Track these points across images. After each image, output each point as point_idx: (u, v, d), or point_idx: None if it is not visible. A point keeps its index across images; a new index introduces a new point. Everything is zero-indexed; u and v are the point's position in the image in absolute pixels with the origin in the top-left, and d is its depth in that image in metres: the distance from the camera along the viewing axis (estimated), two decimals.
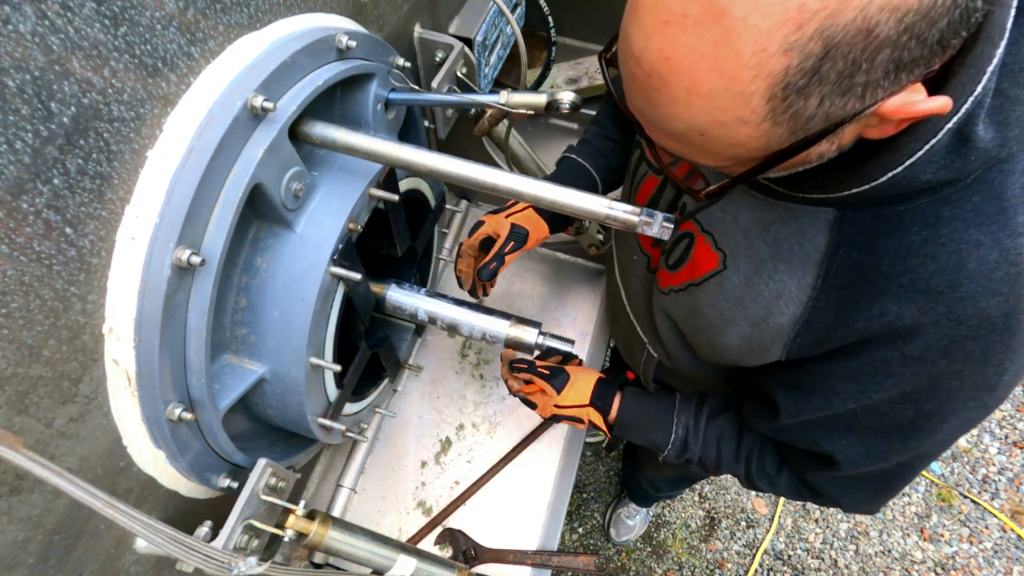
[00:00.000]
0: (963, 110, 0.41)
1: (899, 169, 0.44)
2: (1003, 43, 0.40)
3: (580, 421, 0.85)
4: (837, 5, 0.32)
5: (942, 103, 0.37)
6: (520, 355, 0.92)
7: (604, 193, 0.90)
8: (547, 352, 0.87)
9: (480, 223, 0.89)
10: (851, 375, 0.56)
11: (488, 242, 0.89)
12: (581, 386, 0.85)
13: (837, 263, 0.53)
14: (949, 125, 0.42)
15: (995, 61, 0.40)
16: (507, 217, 0.88)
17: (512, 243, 0.85)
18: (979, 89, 0.40)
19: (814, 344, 0.57)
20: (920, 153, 0.43)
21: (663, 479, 1.52)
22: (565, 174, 0.92)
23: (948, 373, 0.51)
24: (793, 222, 0.55)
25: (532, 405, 0.87)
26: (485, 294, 0.93)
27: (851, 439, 0.61)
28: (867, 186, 0.47)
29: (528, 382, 0.88)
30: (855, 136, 0.43)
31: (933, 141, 0.42)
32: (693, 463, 0.80)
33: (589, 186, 0.92)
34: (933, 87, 0.41)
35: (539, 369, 0.86)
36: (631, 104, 0.45)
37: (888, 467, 0.63)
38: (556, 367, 0.87)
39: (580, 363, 0.92)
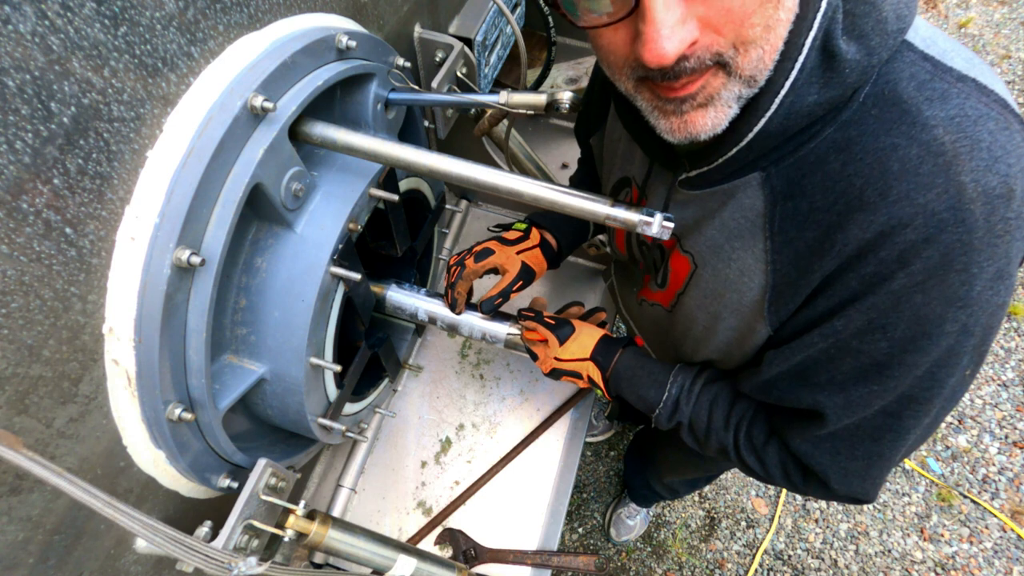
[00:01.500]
0: (815, 25, 0.46)
1: (784, 91, 0.48)
2: None
3: (579, 377, 0.83)
4: None
5: None
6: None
7: (596, 229, 0.96)
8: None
9: (489, 251, 0.87)
10: (820, 312, 0.55)
11: (492, 271, 0.88)
12: (584, 340, 0.83)
13: (778, 218, 0.54)
14: (808, 41, 0.46)
15: None
16: (518, 253, 0.87)
17: (520, 283, 0.85)
18: (824, 5, 0.45)
19: (788, 304, 0.57)
20: (795, 72, 0.47)
21: (682, 482, 1.50)
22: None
23: (909, 287, 0.49)
24: (731, 200, 0.57)
25: (535, 356, 0.86)
26: (458, 313, 0.90)
27: (832, 389, 0.59)
28: (765, 117, 0.49)
29: (532, 329, 0.86)
30: None
31: (801, 58, 0.47)
32: (684, 428, 0.77)
33: (582, 222, 0.95)
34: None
35: (546, 319, 0.85)
36: None
37: (873, 418, 0.59)
38: (563, 319, 0.86)
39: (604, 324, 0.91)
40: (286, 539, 0.63)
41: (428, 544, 1.01)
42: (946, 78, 0.48)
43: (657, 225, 0.56)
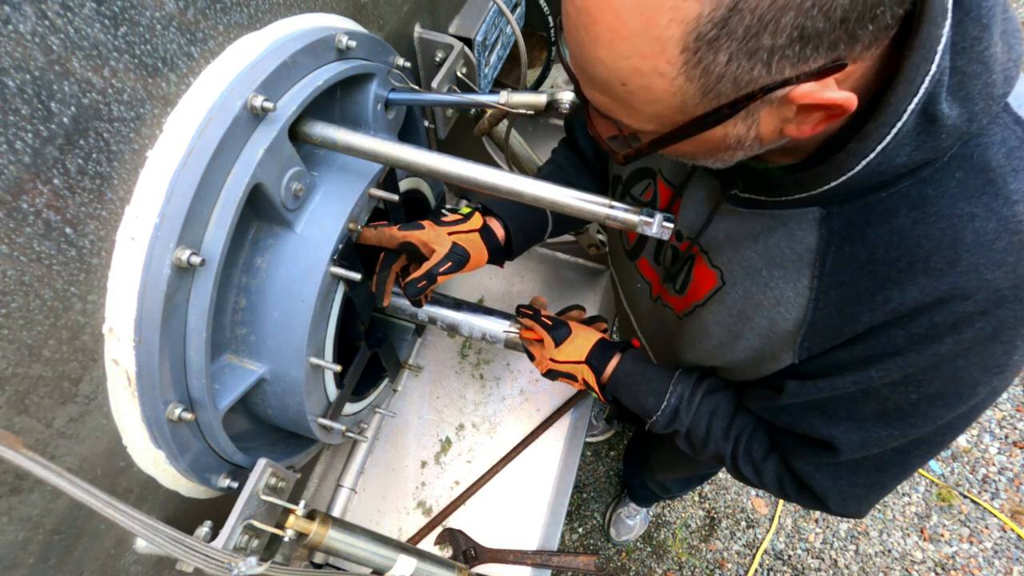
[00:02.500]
0: (922, 90, 0.42)
1: (872, 156, 0.45)
2: (947, 23, 0.41)
3: (574, 379, 0.82)
4: None
5: (846, 96, 0.39)
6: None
7: (555, 230, 0.89)
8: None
9: (418, 225, 0.75)
10: (858, 358, 0.55)
11: (413, 250, 0.76)
12: (580, 343, 0.81)
13: (831, 260, 0.53)
14: (911, 106, 0.43)
15: (943, 40, 0.41)
16: (450, 234, 0.77)
17: (449, 263, 0.75)
18: (933, 68, 0.41)
19: (823, 342, 0.57)
20: (889, 137, 0.44)
21: (674, 480, 1.50)
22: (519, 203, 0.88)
23: (954, 353, 0.50)
24: (781, 228, 0.55)
25: (532, 356, 0.85)
26: (384, 305, 0.82)
27: (850, 425, 0.59)
28: (845, 176, 0.47)
29: (529, 328, 0.85)
30: (776, 129, 0.44)
31: (899, 124, 0.43)
32: (680, 435, 0.77)
33: (541, 220, 0.88)
34: (888, 82, 0.43)
35: (543, 318, 0.83)
36: (570, 52, 0.46)
37: (884, 454, 0.60)
38: (561, 320, 0.84)
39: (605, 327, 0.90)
40: (286, 539, 0.63)
41: (428, 544, 1.01)
42: None
43: (657, 225, 0.56)
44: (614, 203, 0.57)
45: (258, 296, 0.63)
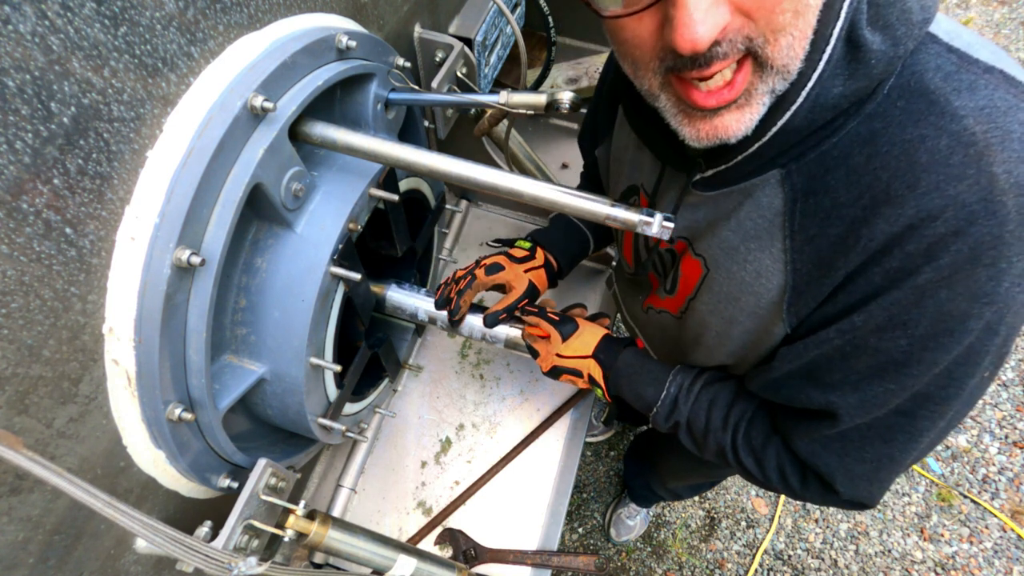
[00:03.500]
0: (842, 16, 0.45)
1: (810, 84, 0.47)
2: None
3: (579, 375, 0.82)
4: None
5: None
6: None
7: (596, 247, 0.99)
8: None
9: (499, 266, 0.89)
10: (840, 309, 0.53)
11: (500, 288, 0.90)
12: (587, 337, 0.82)
13: (798, 216, 0.53)
14: (836, 31, 0.46)
15: None
16: (526, 272, 0.89)
17: (525, 302, 0.87)
18: None
19: (808, 303, 0.56)
20: (821, 64, 0.46)
21: (686, 486, 1.49)
22: (561, 229, 0.98)
23: (935, 282, 0.47)
24: (748, 200, 0.56)
25: (535, 354, 0.85)
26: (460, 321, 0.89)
27: (845, 388, 0.56)
28: (790, 111, 0.49)
29: (535, 325, 0.85)
30: None
31: (828, 49, 0.46)
32: (681, 427, 0.76)
33: (583, 241, 0.99)
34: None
35: (549, 315, 0.84)
36: None
37: (887, 418, 0.56)
38: (567, 316, 0.85)
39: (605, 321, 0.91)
40: (286, 539, 0.63)
41: (428, 544, 1.01)
42: (973, 69, 0.46)
43: (657, 225, 0.56)
44: (615, 203, 0.57)
45: (258, 296, 0.63)
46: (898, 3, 0.46)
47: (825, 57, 0.46)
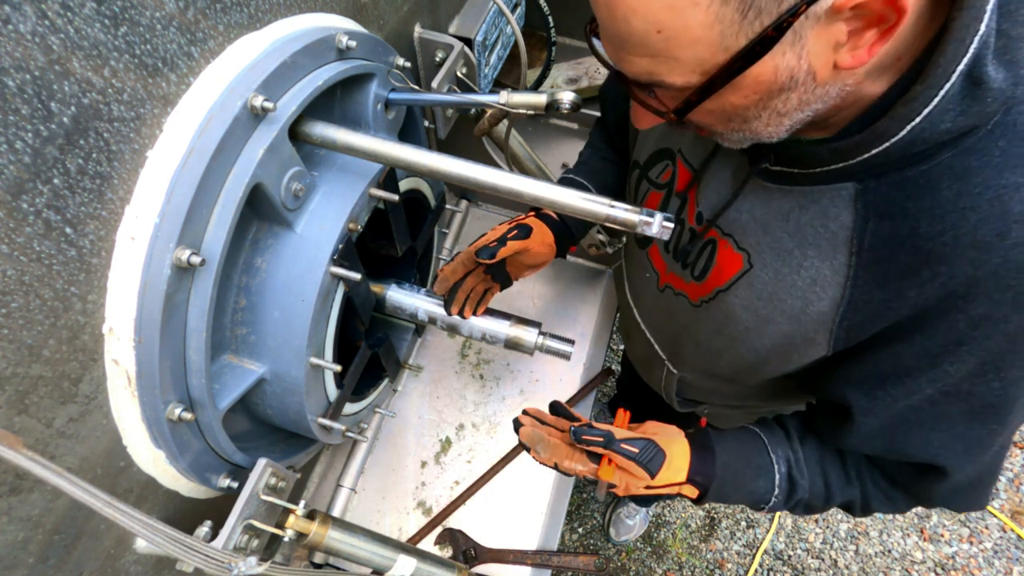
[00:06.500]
0: (971, 51, 0.41)
1: (918, 120, 0.44)
2: None
3: (665, 496, 0.70)
4: None
5: None
6: (579, 419, 0.71)
7: (576, 233, 0.92)
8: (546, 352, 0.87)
9: (483, 234, 0.84)
10: (921, 352, 0.53)
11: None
12: (678, 462, 0.67)
13: (869, 236, 0.51)
14: (960, 67, 0.42)
15: (992, 1, 0.41)
16: (510, 223, 0.85)
17: (516, 231, 0.80)
18: (982, 28, 0.41)
19: (864, 324, 0.55)
20: (936, 100, 0.43)
21: None
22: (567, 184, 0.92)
23: (1023, 329, 0.48)
24: (812, 205, 0.54)
25: (608, 484, 0.66)
26: (463, 315, 0.85)
27: (943, 437, 0.57)
28: (888, 143, 0.46)
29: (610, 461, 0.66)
30: (828, 61, 0.42)
31: (947, 85, 0.42)
32: (804, 501, 0.67)
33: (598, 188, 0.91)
34: (931, 47, 0.43)
35: (624, 447, 0.64)
36: (601, 24, 0.45)
37: (990, 456, 0.59)
38: (644, 440, 0.65)
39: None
40: (286, 539, 0.63)
41: (428, 544, 1.01)
42: None
43: (657, 225, 0.56)
44: (614, 203, 0.57)
45: (258, 296, 0.63)
46: None
47: (941, 93, 0.43)
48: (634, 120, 0.53)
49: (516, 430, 0.72)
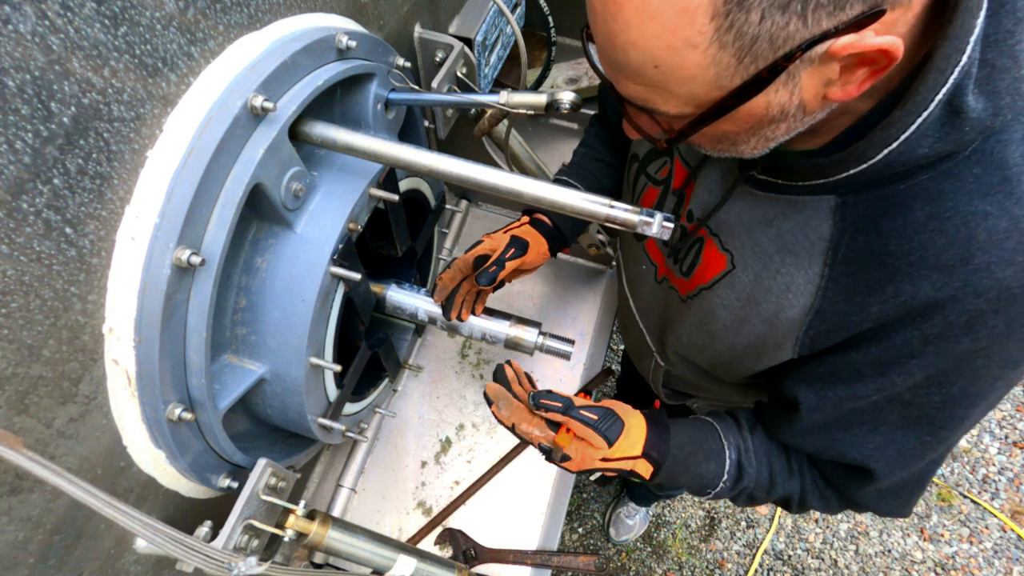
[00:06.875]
0: (951, 81, 0.42)
1: (895, 145, 0.45)
2: (982, 14, 0.41)
3: (617, 472, 0.70)
4: None
5: (891, 41, 0.37)
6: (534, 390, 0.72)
7: (569, 236, 0.92)
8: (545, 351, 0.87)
9: (479, 241, 0.85)
10: (873, 361, 0.55)
11: (484, 258, 0.83)
12: (635, 435, 0.68)
13: (844, 249, 0.53)
14: (939, 96, 0.42)
15: (976, 31, 0.41)
16: (505, 232, 0.86)
17: (513, 250, 0.82)
18: (964, 59, 0.41)
19: (829, 334, 0.56)
20: (914, 127, 0.44)
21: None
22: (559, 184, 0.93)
23: (973, 352, 0.50)
24: (795, 215, 0.55)
25: (561, 457, 0.67)
26: (460, 318, 0.85)
27: (878, 440, 0.59)
28: (865, 165, 0.47)
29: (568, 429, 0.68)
30: (819, 94, 0.43)
31: (925, 113, 0.43)
32: (748, 491, 0.69)
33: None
34: (917, 69, 0.43)
35: (583, 413, 0.66)
36: (599, 48, 0.46)
37: (922, 466, 0.61)
38: (602, 408, 0.67)
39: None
40: (286, 539, 0.63)
41: (428, 544, 1.01)
42: None
43: (657, 225, 0.56)
44: (614, 203, 0.57)
45: (258, 296, 0.63)
46: (1012, 70, 0.42)
47: (919, 120, 0.44)
48: (626, 131, 0.55)
49: (493, 378, 0.75)
